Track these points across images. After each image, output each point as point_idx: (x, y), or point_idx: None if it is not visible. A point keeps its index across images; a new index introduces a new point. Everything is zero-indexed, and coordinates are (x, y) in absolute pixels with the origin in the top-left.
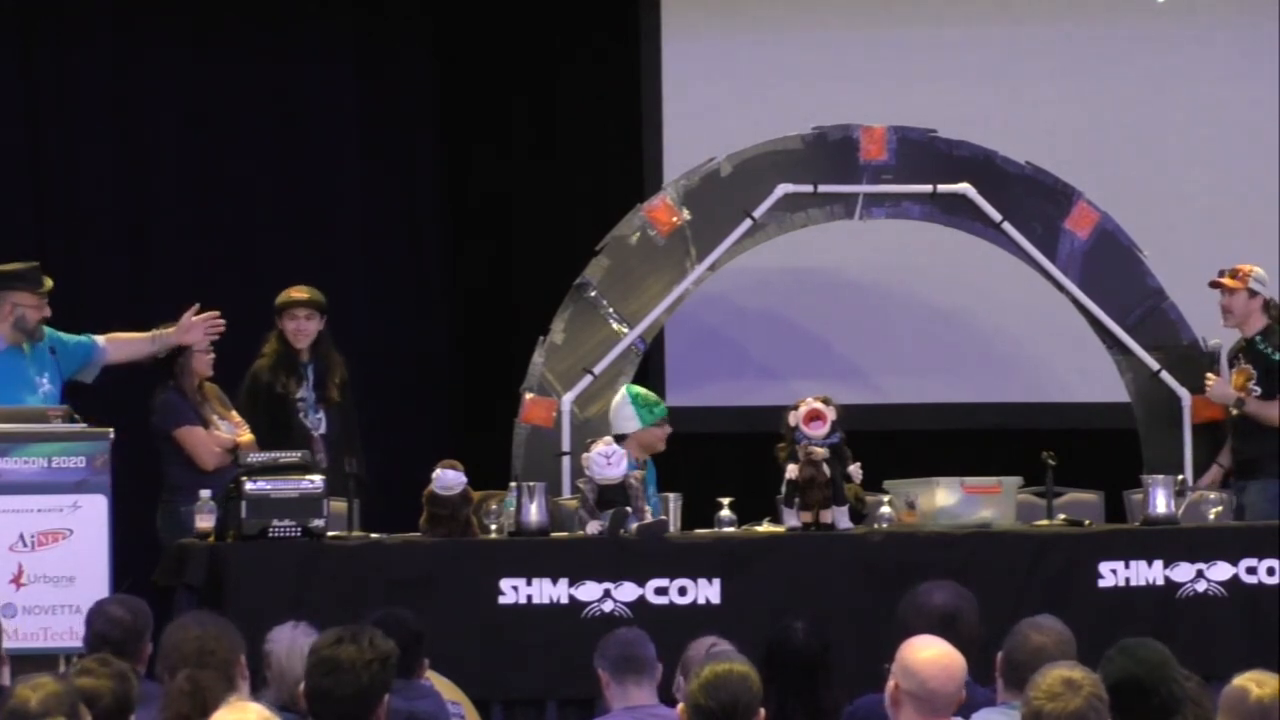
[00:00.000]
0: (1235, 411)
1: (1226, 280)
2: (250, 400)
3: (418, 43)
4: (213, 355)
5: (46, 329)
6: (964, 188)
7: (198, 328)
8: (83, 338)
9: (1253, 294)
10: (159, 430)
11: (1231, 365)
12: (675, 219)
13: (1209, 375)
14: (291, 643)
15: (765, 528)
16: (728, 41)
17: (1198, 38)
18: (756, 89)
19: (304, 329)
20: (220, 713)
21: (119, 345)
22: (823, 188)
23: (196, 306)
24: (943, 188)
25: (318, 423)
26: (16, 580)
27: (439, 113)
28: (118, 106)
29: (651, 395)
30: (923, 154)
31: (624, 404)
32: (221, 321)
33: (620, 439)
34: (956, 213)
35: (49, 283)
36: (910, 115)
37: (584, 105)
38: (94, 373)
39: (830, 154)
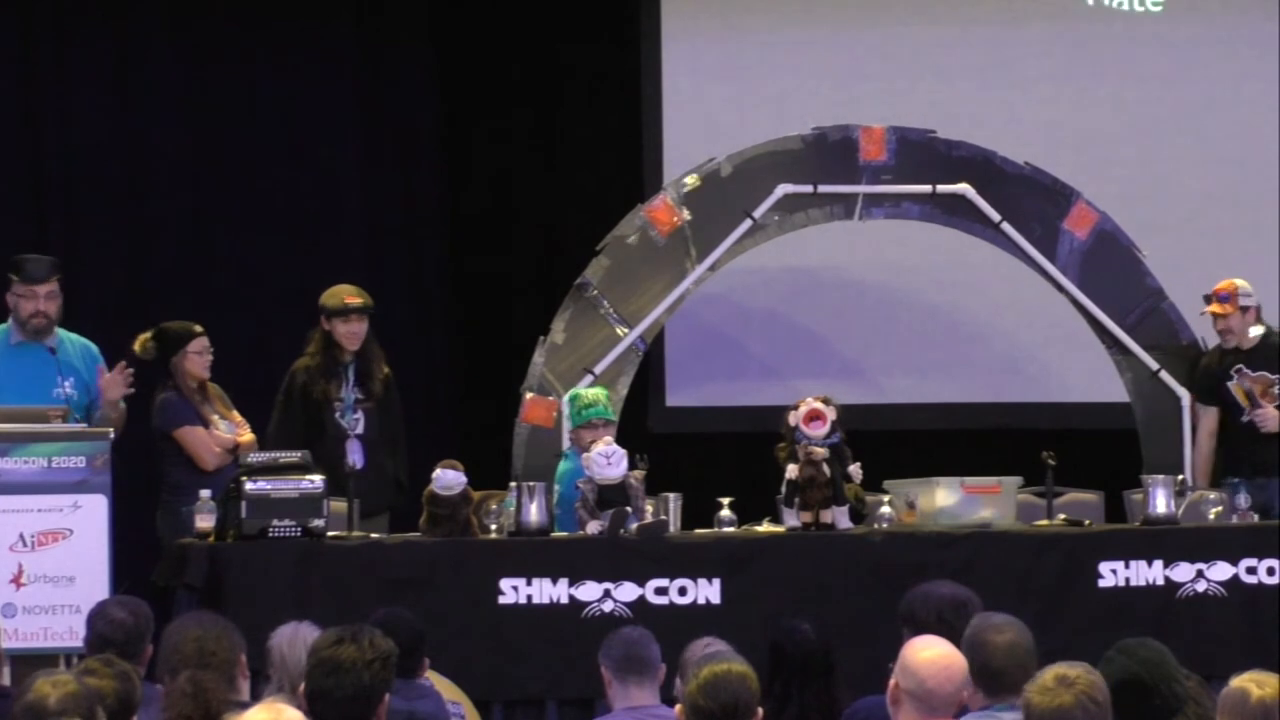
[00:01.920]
0: (1251, 420)
1: (1215, 308)
2: (286, 399)
3: (418, 43)
4: (210, 357)
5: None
6: (963, 188)
7: (114, 383)
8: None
9: (1244, 310)
10: (159, 430)
11: (1229, 378)
12: (675, 219)
13: (1259, 412)
14: (294, 637)
15: (765, 528)
16: (728, 41)
17: (1198, 38)
18: (756, 89)
19: (357, 332)
20: (253, 712)
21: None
22: (823, 188)
23: (122, 364)
24: (942, 188)
25: (355, 423)
26: (16, 580)
27: (439, 113)
28: (118, 105)
29: (589, 396)
30: (922, 154)
31: (565, 404)
32: (130, 371)
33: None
34: (956, 213)
35: (26, 273)
36: (910, 114)
37: (584, 105)
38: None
39: (830, 154)
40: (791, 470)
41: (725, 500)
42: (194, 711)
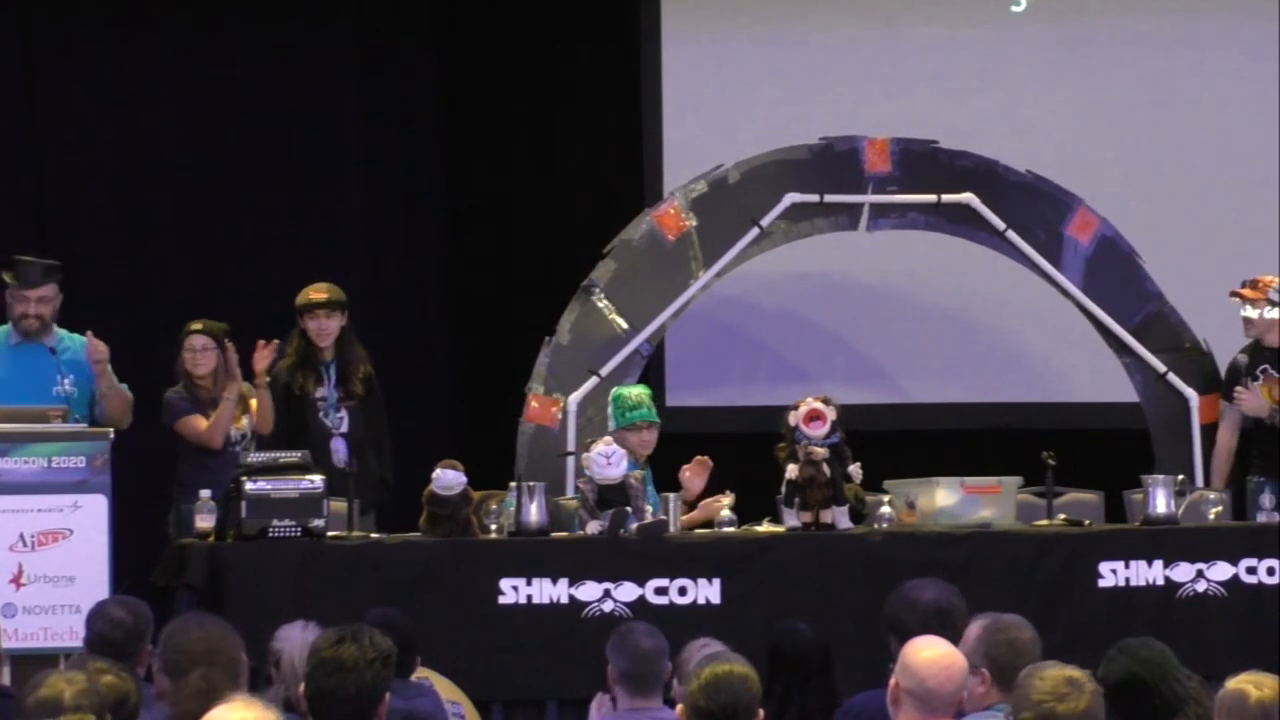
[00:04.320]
0: (1273, 422)
1: (1246, 292)
2: (271, 401)
3: (418, 42)
4: (205, 354)
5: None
6: (968, 198)
7: (91, 349)
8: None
9: (1272, 304)
10: (166, 428)
11: (1255, 377)
12: (683, 224)
13: (1238, 389)
14: (304, 643)
15: (765, 528)
16: (728, 43)
17: (1198, 38)
18: (757, 90)
19: (325, 328)
20: (218, 710)
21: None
22: (829, 198)
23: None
24: (947, 198)
25: (339, 421)
26: (16, 580)
27: (439, 113)
28: (118, 106)
29: (634, 397)
30: (925, 165)
31: (609, 402)
32: (89, 334)
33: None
34: (961, 222)
35: (17, 277)
36: (910, 116)
37: (584, 106)
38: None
39: (836, 165)
40: (791, 470)
41: (725, 500)
42: (204, 709)
